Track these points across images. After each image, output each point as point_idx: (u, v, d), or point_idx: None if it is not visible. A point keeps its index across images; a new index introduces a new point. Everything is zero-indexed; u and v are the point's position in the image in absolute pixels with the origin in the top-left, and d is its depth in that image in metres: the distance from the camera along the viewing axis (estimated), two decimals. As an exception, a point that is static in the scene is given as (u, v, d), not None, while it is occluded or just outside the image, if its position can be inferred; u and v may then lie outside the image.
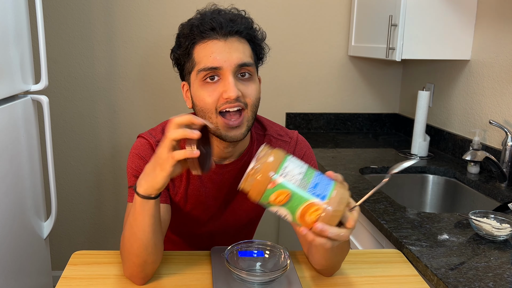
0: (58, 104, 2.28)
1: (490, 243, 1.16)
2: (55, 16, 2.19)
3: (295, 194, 0.76)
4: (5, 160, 1.43)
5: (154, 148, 1.02)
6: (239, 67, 0.93)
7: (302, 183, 0.77)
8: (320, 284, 0.99)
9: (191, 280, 0.97)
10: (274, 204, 0.77)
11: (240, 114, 0.94)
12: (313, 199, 0.77)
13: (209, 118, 0.94)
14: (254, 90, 0.96)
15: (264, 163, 0.77)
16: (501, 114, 1.73)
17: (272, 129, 1.11)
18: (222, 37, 0.93)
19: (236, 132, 0.95)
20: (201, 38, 0.94)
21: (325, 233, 0.76)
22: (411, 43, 1.85)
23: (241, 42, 0.95)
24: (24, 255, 1.58)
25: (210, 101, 0.93)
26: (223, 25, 0.93)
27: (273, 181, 0.76)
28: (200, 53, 0.94)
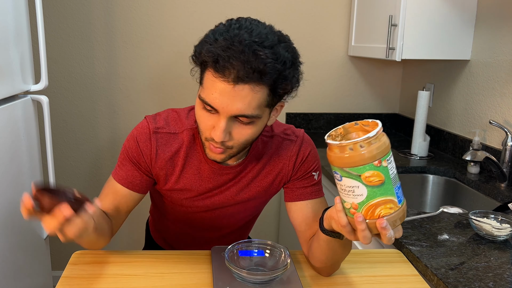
0: (58, 104, 2.28)
1: (490, 243, 1.16)
2: (55, 16, 2.19)
3: (386, 184, 0.75)
4: (5, 160, 1.43)
5: (150, 135, 1.03)
6: (236, 116, 0.88)
7: (394, 179, 0.77)
8: (320, 283, 0.99)
9: (192, 279, 0.97)
10: (361, 179, 0.74)
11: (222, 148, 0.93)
12: (394, 197, 0.77)
13: (201, 134, 0.95)
14: (246, 134, 0.91)
15: (381, 140, 0.75)
16: (501, 114, 1.73)
17: (279, 129, 1.10)
18: (232, 81, 0.84)
19: (216, 157, 0.95)
20: (213, 68, 0.86)
21: (384, 231, 0.77)
22: (411, 43, 1.85)
23: (253, 91, 0.85)
24: (24, 255, 1.58)
25: (203, 127, 0.93)
26: (237, 70, 0.82)
27: (379, 160, 0.74)
28: (208, 81, 0.88)
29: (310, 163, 1.08)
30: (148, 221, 1.41)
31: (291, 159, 1.07)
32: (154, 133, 1.03)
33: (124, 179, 1.04)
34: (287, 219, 2.39)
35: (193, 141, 1.04)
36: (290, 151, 1.07)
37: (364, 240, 0.79)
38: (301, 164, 1.07)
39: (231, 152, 0.95)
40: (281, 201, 2.53)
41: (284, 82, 0.88)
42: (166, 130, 1.04)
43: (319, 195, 1.09)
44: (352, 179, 0.75)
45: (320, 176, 1.10)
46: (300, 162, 1.07)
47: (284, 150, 1.07)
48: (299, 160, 1.07)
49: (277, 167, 1.08)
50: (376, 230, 0.78)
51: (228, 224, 1.18)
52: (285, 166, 1.08)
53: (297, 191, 1.08)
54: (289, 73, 0.88)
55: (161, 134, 1.03)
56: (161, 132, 1.03)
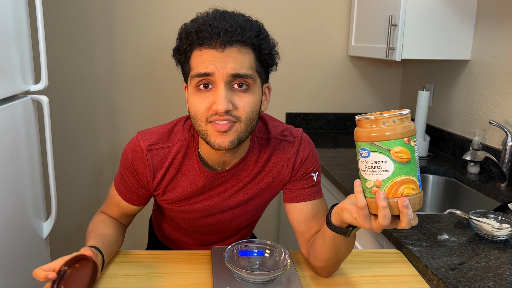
0: (58, 104, 2.28)
1: (490, 243, 1.16)
2: (55, 16, 2.19)
3: (412, 164, 0.77)
4: (5, 160, 1.43)
5: (145, 154, 1.02)
6: (232, 77, 0.89)
7: (418, 162, 0.79)
8: (320, 283, 0.99)
9: (192, 279, 0.97)
10: (390, 154, 0.76)
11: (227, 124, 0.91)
12: (416, 179, 0.78)
13: (199, 125, 0.93)
14: (248, 102, 0.91)
15: (411, 122, 0.77)
16: (501, 114, 1.73)
17: (276, 130, 1.08)
18: (220, 47, 0.88)
19: (223, 140, 0.91)
20: (198, 45, 0.90)
21: (406, 209, 0.77)
22: (411, 43, 1.85)
23: (241, 52, 0.90)
24: (24, 255, 1.58)
25: (201, 109, 0.91)
26: (222, 34, 0.88)
27: (409, 138, 0.76)
28: (196, 59, 0.91)
29: (309, 164, 1.07)
30: (151, 219, 1.41)
31: (289, 161, 1.06)
32: (148, 151, 1.02)
33: (123, 194, 1.09)
34: (287, 219, 2.39)
35: (187, 150, 1.03)
36: (288, 152, 1.06)
37: (384, 220, 0.78)
38: (300, 165, 1.06)
39: (239, 128, 0.91)
40: (281, 201, 2.53)
41: (264, 42, 0.93)
42: (159, 146, 1.03)
43: (318, 196, 1.08)
44: (381, 154, 0.76)
45: (319, 177, 1.10)
46: (300, 163, 1.06)
47: (282, 152, 1.06)
48: (298, 161, 1.06)
49: (275, 169, 1.07)
50: (396, 211, 0.78)
51: (229, 228, 1.17)
52: (283, 168, 1.06)
53: (296, 192, 1.07)
54: (266, 34, 0.95)
55: (155, 151, 1.02)
56: (155, 148, 1.02)
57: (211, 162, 1.03)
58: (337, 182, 1.67)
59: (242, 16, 0.94)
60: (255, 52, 0.92)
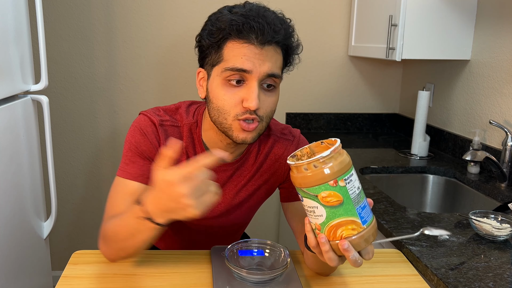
0: (58, 104, 2.28)
1: (490, 243, 1.16)
2: (55, 16, 2.20)
3: (346, 204, 0.73)
4: (5, 160, 1.43)
5: (157, 127, 0.99)
6: (267, 76, 0.90)
7: (356, 199, 0.74)
8: (319, 283, 0.99)
9: (192, 279, 0.97)
10: (318, 199, 0.73)
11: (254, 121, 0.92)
12: (356, 218, 0.74)
13: (224, 119, 0.92)
14: (272, 103, 0.94)
15: (337, 160, 0.73)
16: (501, 114, 1.73)
17: (276, 128, 1.09)
18: (260, 44, 0.88)
19: (247, 135, 0.93)
20: (237, 37, 0.88)
21: (347, 252, 0.75)
22: (411, 43, 1.85)
23: (276, 52, 0.91)
24: (24, 255, 1.58)
25: (230, 104, 0.90)
26: (266, 32, 0.87)
27: (335, 180, 0.72)
28: (231, 51, 0.89)
29: None
30: None
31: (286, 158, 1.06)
32: (160, 125, 1.00)
33: (139, 175, 0.99)
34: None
35: (191, 137, 1.02)
36: (287, 150, 1.07)
37: (330, 262, 0.77)
38: None
39: (261, 127, 0.94)
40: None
41: (295, 47, 0.96)
42: (169, 123, 1.01)
43: None
44: (310, 200, 0.74)
45: None
46: None
47: (281, 149, 1.07)
48: None
49: (273, 166, 1.07)
50: (340, 252, 0.77)
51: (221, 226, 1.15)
52: (281, 166, 1.07)
53: (293, 191, 1.07)
54: (297, 38, 0.97)
55: (166, 127, 1.01)
56: (166, 124, 1.01)
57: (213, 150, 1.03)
58: (337, 182, 1.67)
59: (276, 15, 0.94)
60: (284, 53, 0.94)
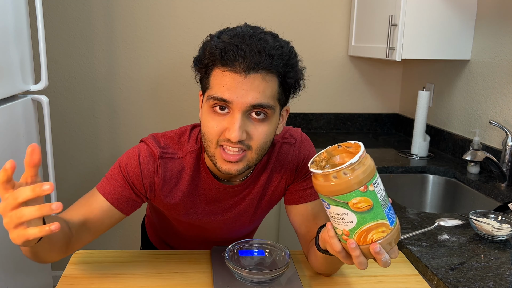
0: (58, 104, 2.28)
1: (490, 243, 1.16)
2: (55, 16, 2.19)
3: (376, 208, 0.73)
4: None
5: (157, 160, 0.95)
6: (252, 107, 0.84)
7: (383, 201, 0.74)
8: (320, 283, 0.99)
9: (192, 279, 0.97)
10: (348, 206, 0.72)
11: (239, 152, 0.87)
12: (385, 220, 0.74)
13: (208, 147, 0.89)
14: (263, 133, 0.87)
15: (365, 165, 0.72)
16: (501, 114, 1.73)
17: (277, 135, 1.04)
18: (243, 72, 0.82)
19: (230, 167, 0.87)
20: (221, 64, 0.84)
21: (379, 256, 0.74)
22: (411, 43, 1.85)
23: (265, 80, 0.84)
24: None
25: (213, 132, 0.86)
26: (248, 58, 0.81)
27: (365, 185, 0.71)
28: (215, 79, 0.85)
29: None
30: (144, 223, 1.38)
31: (292, 162, 1.05)
32: (160, 158, 0.95)
33: (111, 194, 0.94)
34: (287, 219, 2.39)
35: (197, 164, 0.99)
36: (291, 155, 1.05)
37: (360, 266, 0.77)
38: (303, 166, 1.05)
39: (250, 158, 0.88)
40: (281, 201, 2.53)
41: (292, 71, 0.88)
42: (170, 156, 0.97)
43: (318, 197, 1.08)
44: (340, 207, 0.73)
45: None
46: (302, 163, 1.05)
47: (285, 155, 1.05)
48: (300, 161, 1.05)
49: (280, 173, 1.05)
50: (370, 255, 0.77)
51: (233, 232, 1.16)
52: (287, 170, 1.05)
53: (296, 194, 1.06)
54: (295, 61, 0.89)
55: (166, 159, 0.96)
56: (166, 157, 0.96)
57: (218, 174, 0.99)
58: (337, 182, 1.67)
59: (272, 39, 0.87)
60: (280, 78, 0.87)
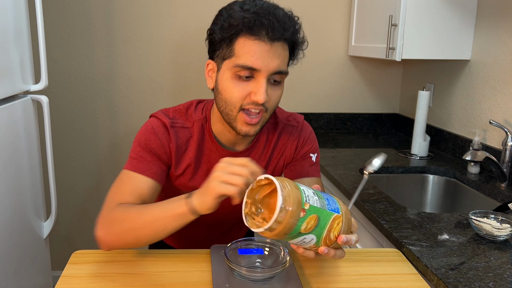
0: (58, 104, 2.28)
1: (490, 243, 1.16)
2: (55, 16, 2.20)
3: (322, 215, 0.75)
4: (5, 160, 1.43)
5: (168, 129, 1.05)
6: (275, 73, 0.95)
7: (320, 202, 0.76)
8: (319, 281, 0.99)
9: (191, 278, 0.97)
10: (303, 233, 0.74)
11: (259, 114, 0.97)
12: (333, 213, 0.77)
13: (230, 110, 0.97)
14: (278, 96, 0.99)
15: (291, 198, 0.72)
16: (501, 114, 1.73)
17: (282, 116, 1.17)
18: (269, 41, 0.92)
19: (250, 129, 0.98)
20: (248, 33, 0.92)
21: (349, 242, 0.80)
22: (411, 43, 1.85)
23: (284, 49, 0.96)
24: (24, 255, 1.58)
25: (237, 97, 0.95)
26: (276, 30, 0.92)
27: (303, 209, 0.73)
28: (243, 47, 0.93)
29: (310, 144, 1.16)
30: None
31: (293, 142, 1.15)
32: (171, 127, 1.05)
33: (146, 170, 1.02)
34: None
35: (202, 132, 1.08)
36: (292, 135, 1.15)
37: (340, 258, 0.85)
38: (302, 145, 1.15)
39: (264, 119, 0.99)
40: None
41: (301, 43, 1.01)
42: (180, 125, 1.07)
43: (316, 175, 1.16)
44: (296, 238, 0.76)
45: (318, 158, 1.18)
46: (302, 143, 1.15)
47: (287, 135, 1.15)
48: (300, 142, 1.15)
49: (281, 151, 1.15)
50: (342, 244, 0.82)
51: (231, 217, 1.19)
52: (287, 149, 1.15)
53: (295, 170, 1.15)
54: (303, 35, 1.03)
55: (177, 128, 1.06)
56: (176, 126, 1.06)
57: (223, 141, 1.09)
58: (337, 182, 1.67)
59: (285, 12, 0.98)
60: (290, 49, 0.99)
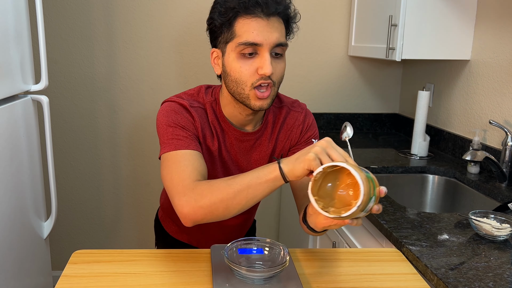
0: (58, 104, 2.28)
1: (490, 243, 1.16)
2: (55, 16, 2.20)
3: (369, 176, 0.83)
4: (5, 160, 1.43)
5: (189, 108, 1.08)
6: (276, 46, 1.00)
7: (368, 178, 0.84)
8: (318, 280, 0.99)
9: (191, 277, 0.98)
10: (372, 195, 0.81)
11: (268, 87, 1.02)
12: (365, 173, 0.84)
13: (242, 89, 1.02)
14: (282, 68, 1.05)
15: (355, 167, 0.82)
16: (501, 114, 1.73)
17: (287, 100, 1.22)
18: (266, 16, 0.99)
19: (263, 103, 1.03)
20: (245, 13, 0.99)
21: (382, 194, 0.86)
22: (411, 43, 1.85)
23: (280, 22, 1.02)
24: (24, 255, 1.58)
25: (247, 74, 1.00)
26: (269, 5, 0.98)
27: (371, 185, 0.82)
28: (242, 27, 0.99)
29: (313, 130, 1.22)
30: (158, 217, 1.43)
31: (298, 127, 1.19)
32: (190, 106, 1.09)
33: (189, 144, 1.03)
34: (287, 219, 2.39)
35: (214, 114, 1.12)
36: (297, 120, 1.20)
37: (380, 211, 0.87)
38: (307, 130, 1.20)
39: (273, 92, 1.04)
40: (281, 200, 2.53)
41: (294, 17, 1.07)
42: (196, 105, 1.11)
43: None
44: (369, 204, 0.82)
45: None
46: (306, 128, 1.20)
47: (292, 119, 1.19)
48: (305, 127, 1.20)
49: (287, 134, 1.19)
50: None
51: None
52: (293, 132, 1.19)
53: None
54: (294, 8, 1.08)
55: (195, 108, 1.10)
56: (195, 106, 1.10)
57: (234, 122, 1.13)
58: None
59: None
60: (285, 23, 1.05)
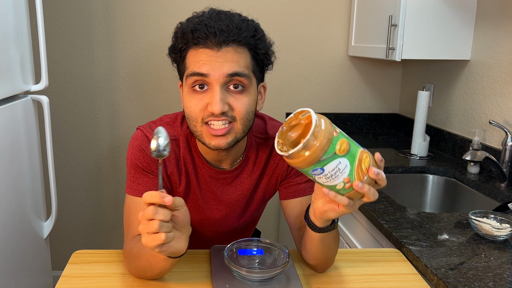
0: (58, 104, 2.28)
1: (490, 243, 1.16)
2: (55, 16, 2.20)
3: (351, 142, 0.79)
4: (5, 160, 1.43)
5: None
6: (229, 77, 0.89)
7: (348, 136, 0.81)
8: (318, 281, 0.99)
9: (191, 278, 0.97)
10: (338, 154, 0.77)
11: (225, 125, 0.91)
12: (360, 147, 0.80)
13: (194, 126, 0.93)
14: (244, 103, 0.91)
15: (324, 118, 0.78)
16: (501, 114, 1.73)
17: (274, 131, 1.09)
18: (215, 46, 0.88)
19: (219, 141, 0.92)
20: (193, 44, 0.90)
21: (379, 175, 0.78)
22: (411, 43, 1.85)
23: (237, 52, 0.90)
24: (24, 255, 1.58)
25: (196, 110, 0.91)
26: (218, 33, 0.88)
27: (335, 130, 0.78)
28: (190, 58, 0.91)
29: None
30: None
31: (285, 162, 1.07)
32: None
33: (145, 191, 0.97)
34: (287, 219, 2.39)
35: (188, 147, 1.04)
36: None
37: (374, 196, 0.80)
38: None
39: (237, 129, 0.92)
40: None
41: (261, 43, 0.94)
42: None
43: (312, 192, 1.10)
44: (332, 161, 0.77)
45: None
46: None
47: (279, 155, 1.07)
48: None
49: (272, 167, 1.09)
50: (373, 182, 0.81)
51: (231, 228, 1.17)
52: (279, 165, 1.08)
53: (290, 188, 1.09)
54: (262, 34, 0.95)
55: None
56: None
57: (209, 158, 1.04)
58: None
59: (238, 16, 0.94)
60: (251, 52, 0.93)
